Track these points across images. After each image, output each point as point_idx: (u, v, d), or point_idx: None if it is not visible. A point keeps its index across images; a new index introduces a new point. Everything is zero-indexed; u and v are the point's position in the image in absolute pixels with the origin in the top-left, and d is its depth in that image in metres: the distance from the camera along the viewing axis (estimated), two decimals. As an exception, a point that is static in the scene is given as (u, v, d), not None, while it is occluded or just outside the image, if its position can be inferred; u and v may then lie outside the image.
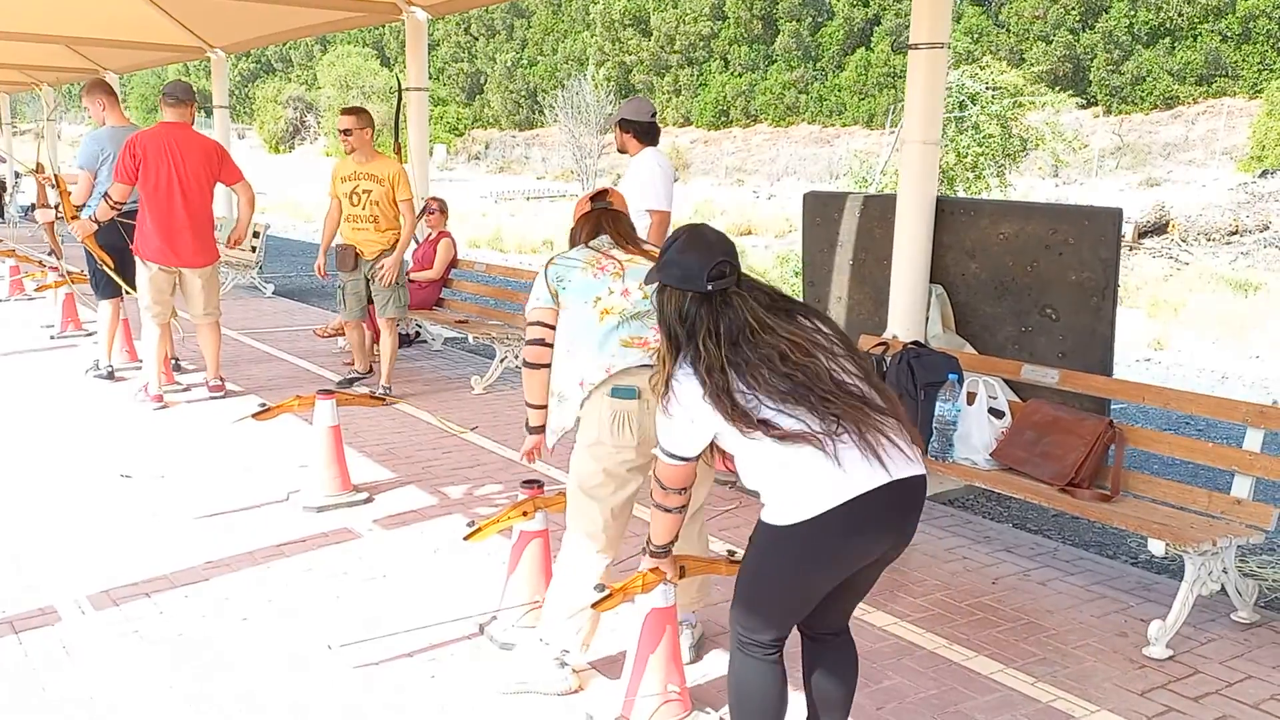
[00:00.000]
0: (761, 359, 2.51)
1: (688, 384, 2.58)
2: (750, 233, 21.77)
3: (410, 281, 8.55)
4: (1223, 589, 3.99)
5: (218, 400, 7.06)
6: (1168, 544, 3.76)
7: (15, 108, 28.92)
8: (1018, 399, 4.95)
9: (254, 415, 5.17)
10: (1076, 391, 4.78)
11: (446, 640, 3.74)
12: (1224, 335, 11.87)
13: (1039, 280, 5.42)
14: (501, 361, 7.65)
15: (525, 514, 3.72)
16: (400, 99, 9.43)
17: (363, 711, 3.28)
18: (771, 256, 18.59)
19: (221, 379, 7.23)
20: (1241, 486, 3.98)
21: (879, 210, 5.83)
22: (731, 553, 3.39)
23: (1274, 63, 39.23)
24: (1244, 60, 39.95)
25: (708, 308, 2.60)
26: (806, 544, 2.52)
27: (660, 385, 2.64)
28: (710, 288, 2.60)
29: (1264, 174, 25.40)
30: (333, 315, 9.71)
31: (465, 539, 3.67)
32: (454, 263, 8.89)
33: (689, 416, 2.59)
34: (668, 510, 2.89)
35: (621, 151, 6.21)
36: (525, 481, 3.83)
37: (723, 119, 53.68)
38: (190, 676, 3.47)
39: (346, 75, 58.17)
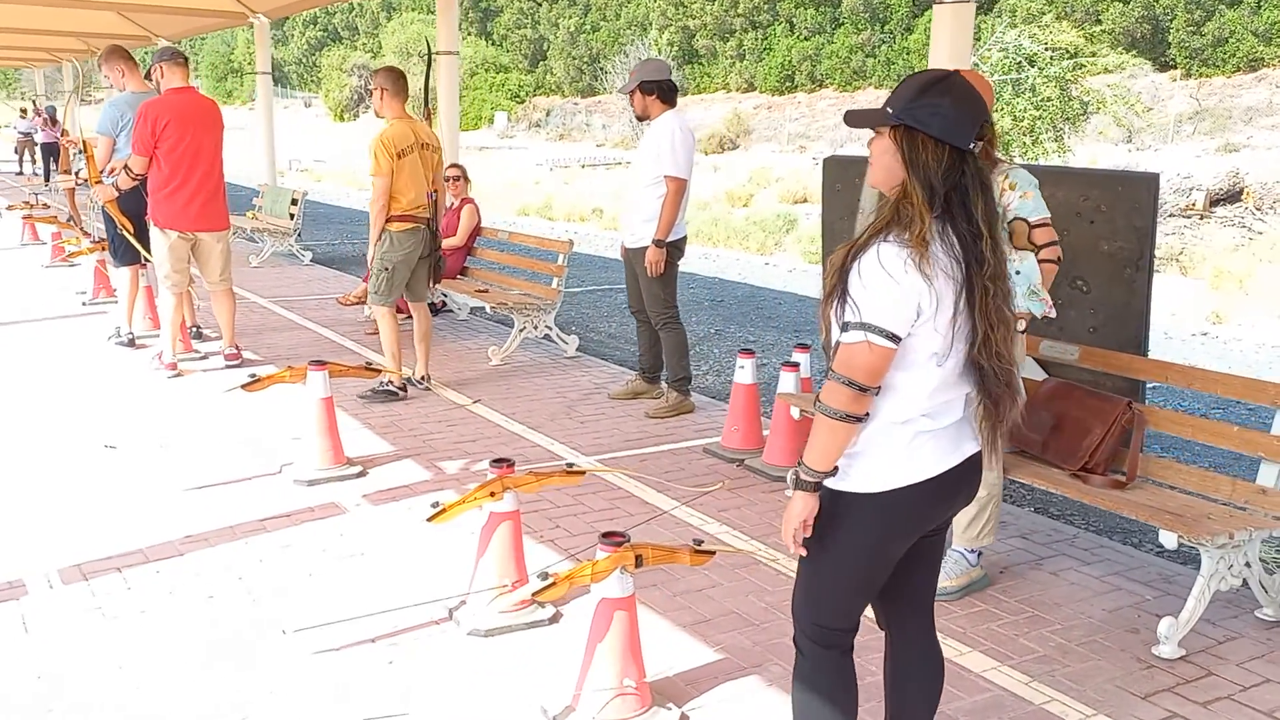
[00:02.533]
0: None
1: (938, 254, 2.21)
2: (805, 200, 21.29)
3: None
4: (1246, 584, 3.70)
5: (234, 369, 7.01)
6: (1180, 536, 3.48)
7: (88, 76, 29.32)
8: (1045, 376, 4.65)
9: (244, 386, 5.08)
10: (1100, 370, 4.47)
11: (413, 625, 3.61)
12: (1290, 308, 11.32)
13: (1069, 250, 5.04)
14: (520, 332, 7.49)
15: (494, 494, 3.56)
16: (430, 63, 9.27)
17: (311, 700, 3.16)
18: (818, 224, 18.19)
19: (237, 347, 7.18)
20: (1268, 474, 3.67)
21: (900, 176, 5.53)
22: (698, 542, 3.19)
23: (1365, 21, 37.38)
24: (1332, 17, 38.10)
25: (970, 170, 2.25)
26: (897, 512, 2.34)
27: (917, 240, 2.19)
28: (974, 147, 2.27)
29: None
30: (358, 283, 9.62)
31: (428, 520, 3.52)
32: (478, 230, 8.74)
33: (929, 289, 2.19)
34: (857, 420, 2.27)
35: (642, 118, 6.00)
36: (494, 460, 3.67)
37: (788, 84, 52.79)
38: (141, 657, 3.37)
39: (408, 42, 58.28)
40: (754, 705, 3.18)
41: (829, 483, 2.35)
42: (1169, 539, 3.51)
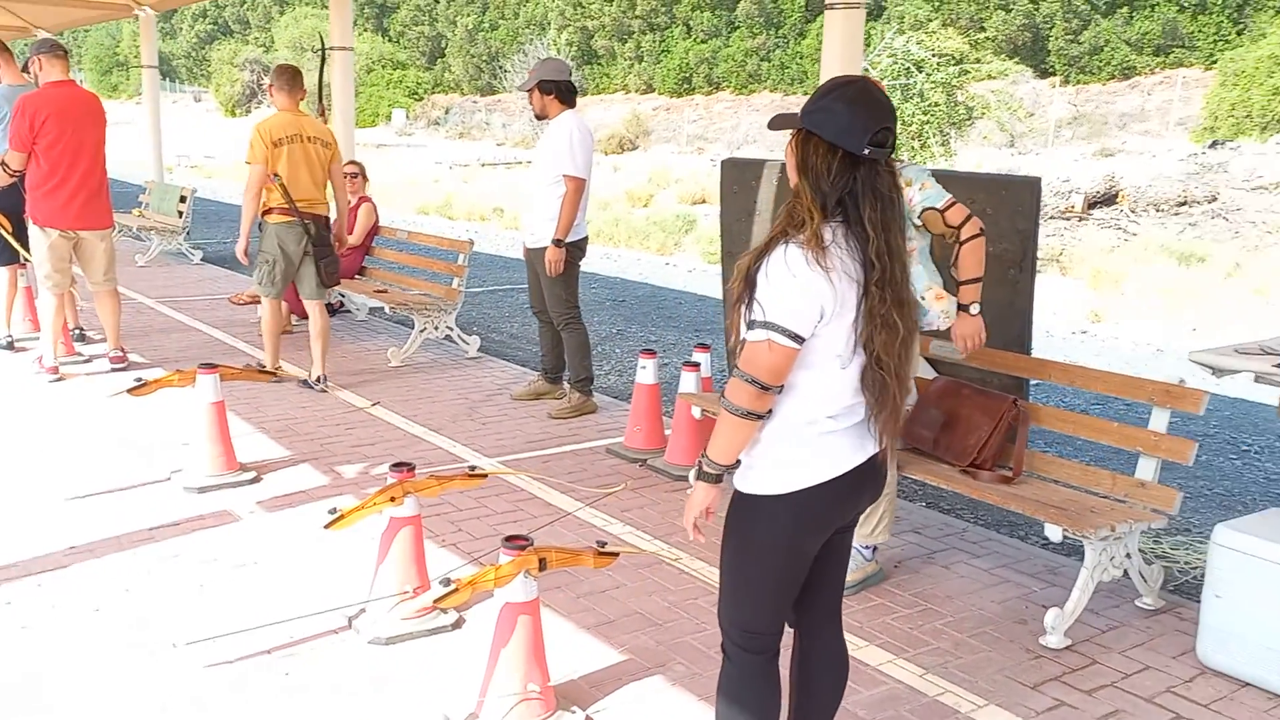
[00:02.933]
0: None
1: (837, 255, 2.24)
2: (704, 201, 21.48)
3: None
4: (1126, 574, 3.86)
5: (119, 372, 6.76)
6: (1065, 530, 3.61)
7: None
8: (935, 375, 4.78)
9: (130, 391, 4.90)
10: (986, 368, 4.62)
11: (310, 635, 3.53)
12: (1165, 307, 11.82)
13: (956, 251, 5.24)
14: (421, 333, 7.40)
15: (394, 499, 3.51)
16: (324, 58, 9.10)
17: (206, 715, 3.07)
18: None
19: (123, 349, 6.93)
20: (1147, 468, 3.84)
21: (797, 179, 5.63)
22: (601, 544, 3.19)
23: (1229, 34, 39.35)
24: (1200, 31, 40.05)
25: (862, 174, 2.27)
26: (806, 511, 2.38)
27: (811, 242, 2.21)
28: (867, 153, 2.26)
29: (1214, 145, 25.42)
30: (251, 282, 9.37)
31: (326, 527, 3.46)
32: (376, 229, 8.60)
33: (831, 289, 2.23)
34: (758, 417, 2.32)
35: (540, 117, 5.99)
36: (395, 464, 3.62)
37: (685, 86, 53.17)
38: (22, 674, 3.24)
39: (301, 37, 56.96)
40: (658, 705, 3.20)
41: (741, 487, 2.40)
42: (1054, 532, 3.64)
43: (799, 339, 2.24)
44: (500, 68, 57.62)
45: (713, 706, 2.65)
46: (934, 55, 15.64)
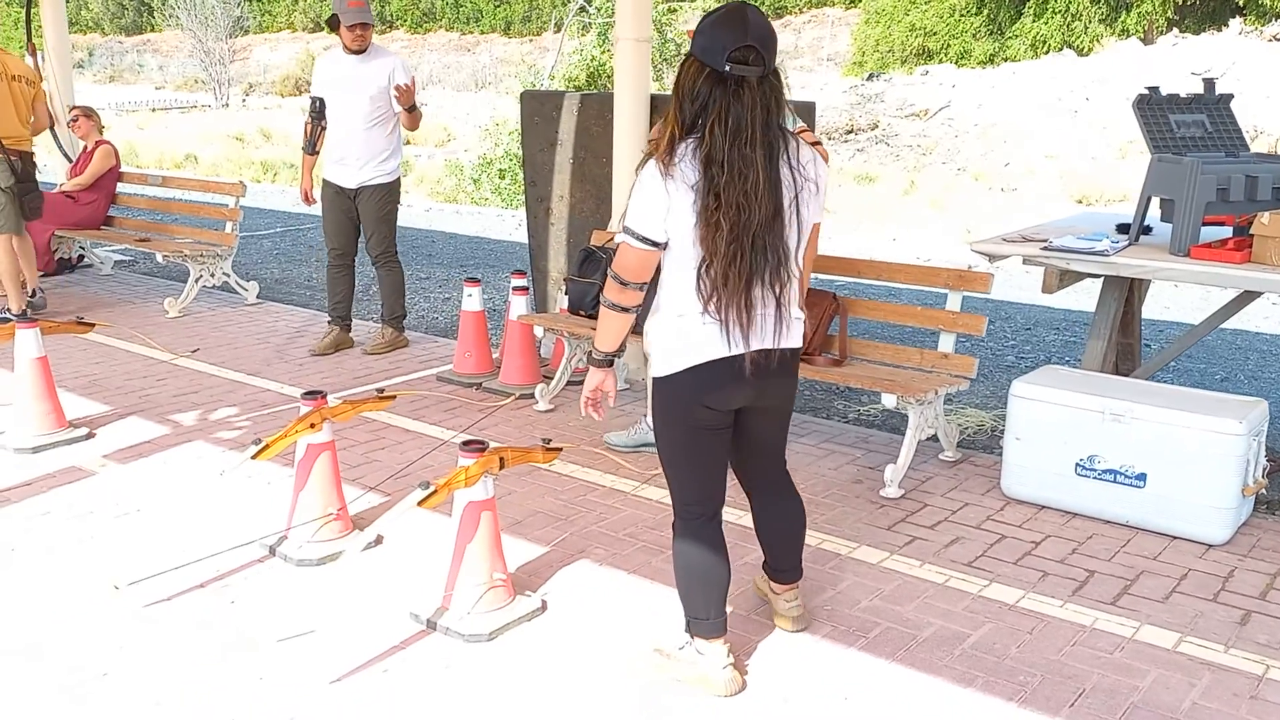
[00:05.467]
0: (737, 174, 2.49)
1: (682, 166, 2.52)
2: (410, 143, 21.19)
3: (67, 196, 7.74)
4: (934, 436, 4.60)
5: None
6: (899, 397, 4.28)
7: None
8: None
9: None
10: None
11: (237, 567, 3.58)
12: (867, 222, 13.23)
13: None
14: (197, 281, 7.11)
15: (313, 426, 3.60)
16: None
17: (173, 646, 3.09)
18: (440, 165, 18.27)
19: None
20: (947, 342, 4.58)
21: (596, 108, 5.96)
22: (546, 441, 3.48)
23: (868, -26, 42.95)
24: (842, -28, 43.47)
25: (720, 92, 2.50)
26: (686, 390, 2.70)
27: (662, 154, 2.52)
28: (728, 69, 2.49)
29: (870, 77, 28.00)
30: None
31: (254, 458, 3.50)
32: (116, 175, 8.05)
33: (668, 198, 2.53)
34: (623, 309, 2.70)
35: (360, 51, 5.90)
36: (307, 393, 3.69)
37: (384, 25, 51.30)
38: (-48, 639, 3.10)
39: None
40: (595, 582, 3.55)
41: (650, 374, 2.79)
42: (890, 400, 4.29)
43: (649, 241, 2.59)
44: (146, 5, 53.05)
45: (641, 578, 3.26)
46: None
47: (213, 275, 7.17)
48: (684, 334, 2.66)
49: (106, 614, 3.26)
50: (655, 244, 2.59)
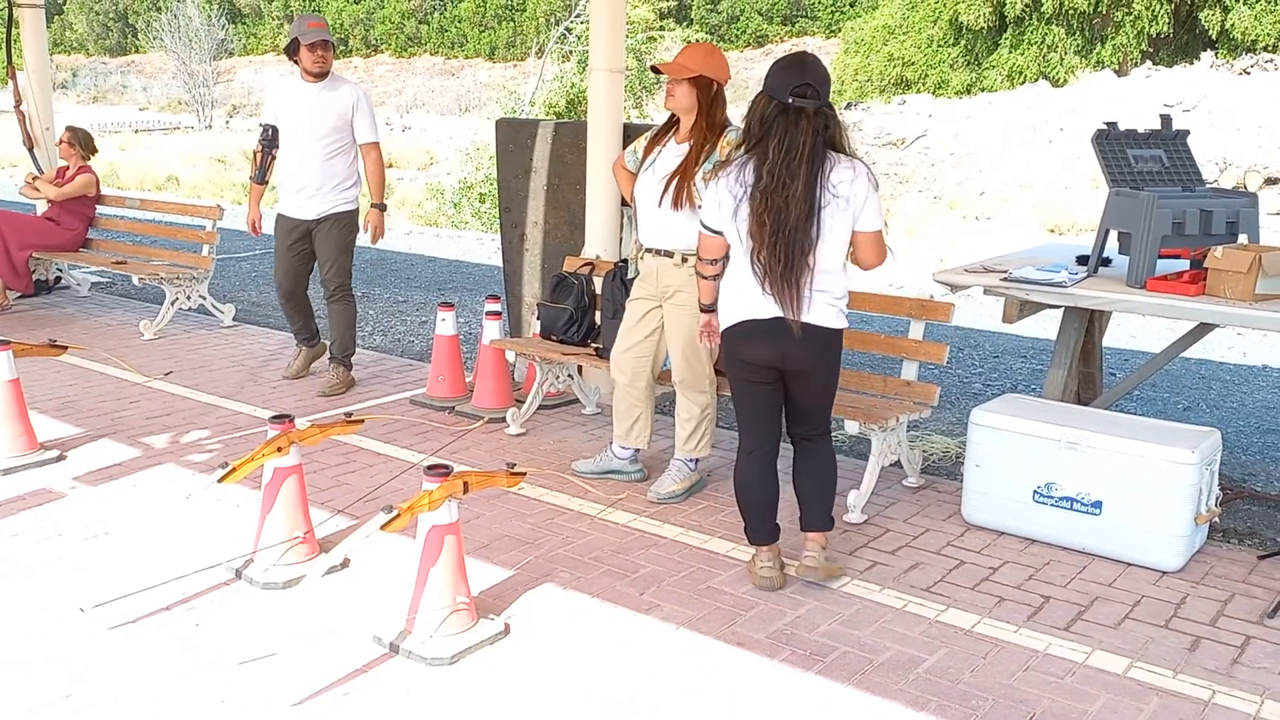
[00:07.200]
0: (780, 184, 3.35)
1: (744, 173, 3.43)
2: (393, 166, 21.28)
3: (49, 220, 7.79)
4: (895, 461, 4.67)
5: None
6: (861, 424, 4.35)
7: None
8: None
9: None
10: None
11: (203, 590, 3.60)
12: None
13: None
14: (173, 304, 7.14)
15: (280, 449, 3.64)
16: (11, 15, 8.40)
17: (137, 668, 3.12)
18: (421, 189, 18.35)
19: None
20: (909, 370, 4.66)
21: (570, 136, 6.04)
22: (510, 465, 3.53)
23: (844, 5, 43.59)
24: (820, 2, 44.15)
25: (783, 120, 3.35)
26: (732, 343, 3.63)
27: (726, 160, 3.69)
28: (790, 101, 3.34)
29: (848, 106, 28.31)
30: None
31: (220, 481, 3.53)
32: (97, 198, 8.08)
33: (731, 199, 3.45)
34: (705, 277, 3.73)
35: (322, 75, 5.77)
36: (275, 416, 3.74)
37: (342, 47, 51.57)
38: (-85, 660, 3.11)
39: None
40: (559, 606, 3.60)
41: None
42: (853, 426, 4.36)
43: (713, 231, 3.59)
44: (130, 26, 53.18)
45: (605, 601, 3.55)
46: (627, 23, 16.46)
47: (189, 298, 7.20)
48: (732, 299, 3.58)
49: (72, 636, 3.28)
50: (715, 232, 3.57)
